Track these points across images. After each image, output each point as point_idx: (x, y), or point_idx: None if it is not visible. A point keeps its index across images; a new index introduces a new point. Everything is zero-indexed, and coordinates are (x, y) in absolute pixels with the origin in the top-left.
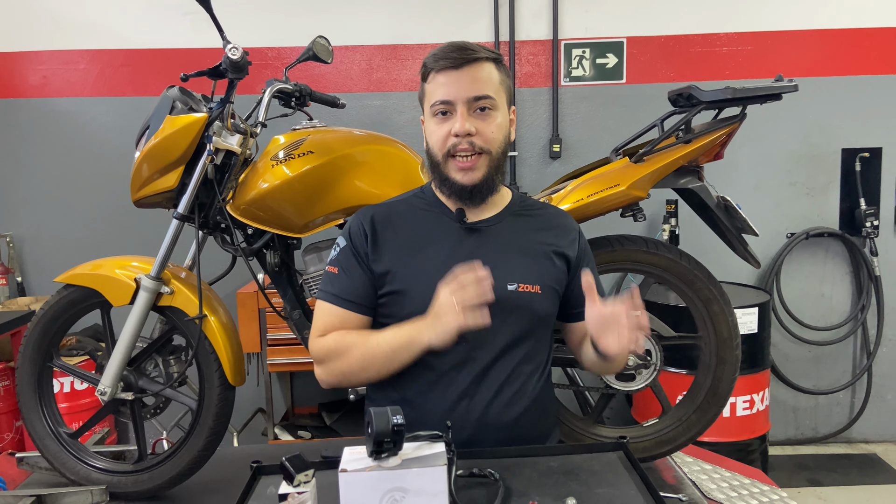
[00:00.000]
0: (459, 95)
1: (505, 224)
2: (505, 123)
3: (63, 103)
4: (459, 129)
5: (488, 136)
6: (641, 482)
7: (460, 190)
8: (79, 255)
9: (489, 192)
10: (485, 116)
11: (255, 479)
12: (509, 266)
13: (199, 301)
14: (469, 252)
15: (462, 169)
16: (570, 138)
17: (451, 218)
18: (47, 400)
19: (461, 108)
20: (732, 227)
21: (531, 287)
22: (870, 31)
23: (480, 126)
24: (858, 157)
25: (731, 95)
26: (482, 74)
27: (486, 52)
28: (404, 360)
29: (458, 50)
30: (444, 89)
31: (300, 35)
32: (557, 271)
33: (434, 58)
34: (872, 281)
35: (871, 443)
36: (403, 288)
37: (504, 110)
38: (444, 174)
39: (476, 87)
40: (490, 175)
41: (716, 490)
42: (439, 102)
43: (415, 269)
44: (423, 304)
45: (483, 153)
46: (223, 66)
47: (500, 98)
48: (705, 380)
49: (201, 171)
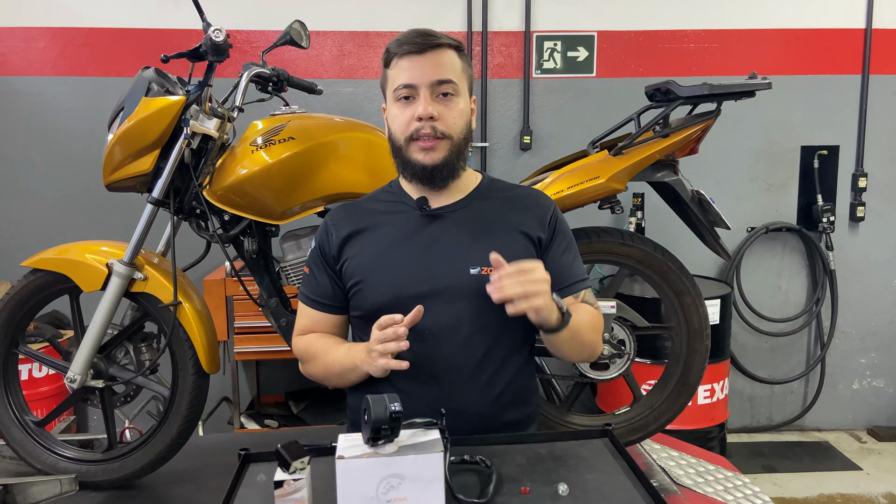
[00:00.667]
0: (423, 79)
1: (470, 208)
2: (466, 110)
3: (21, 82)
4: (423, 112)
5: (450, 121)
6: (629, 467)
7: (422, 170)
8: (38, 240)
9: (450, 175)
10: (447, 102)
11: (243, 466)
12: (472, 250)
13: (174, 287)
14: (429, 239)
15: (423, 149)
16: (541, 130)
17: (412, 207)
18: (12, 387)
19: (424, 93)
20: (705, 221)
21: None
22: (830, 31)
23: (442, 111)
24: (817, 155)
25: (708, 91)
26: (445, 60)
27: (449, 40)
28: (354, 380)
29: (421, 35)
30: (408, 73)
31: (270, 19)
32: (526, 252)
33: (397, 43)
34: (828, 275)
35: (823, 431)
36: (364, 279)
37: (466, 97)
38: (405, 157)
39: (439, 71)
40: (450, 159)
41: (683, 476)
42: (402, 86)
43: (374, 261)
44: (384, 295)
45: (444, 137)
46: (203, 48)
47: (462, 85)
48: (676, 369)
49: (177, 155)
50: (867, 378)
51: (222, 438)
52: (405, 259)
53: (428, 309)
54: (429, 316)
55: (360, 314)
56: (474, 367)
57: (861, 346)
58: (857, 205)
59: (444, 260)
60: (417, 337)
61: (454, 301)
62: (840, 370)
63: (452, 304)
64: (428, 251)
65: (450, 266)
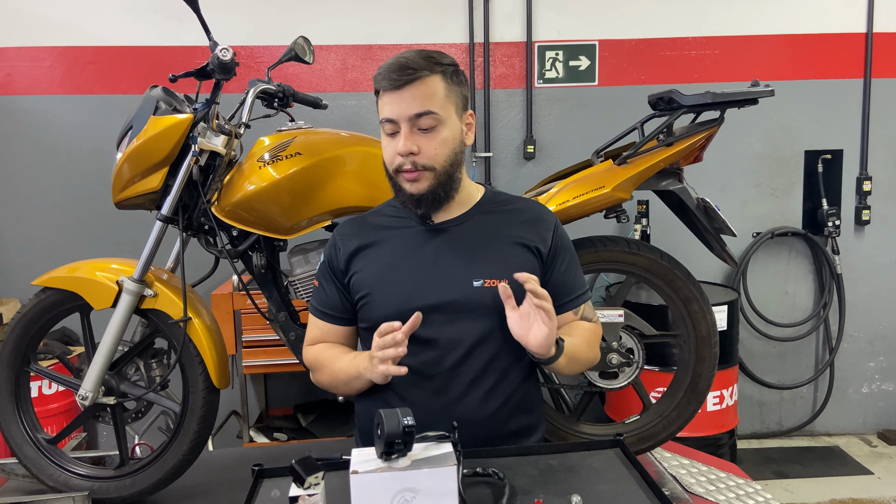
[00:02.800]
0: (401, 114)
1: (472, 222)
2: (452, 136)
3: (28, 101)
4: (402, 149)
5: (430, 153)
6: (641, 478)
7: (409, 198)
8: (47, 258)
9: (436, 202)
10: (428, 134)
11: (257, 482)
12: (474, 263)
13: (183, 304)
14: (433, 252)
15: (409, 180)
16: (544, 139)
17: (416, 222)
18: (25, 405)
19: (404, 128)
20: (711, 228)
21: (498, 282)
22: (831, 36)
23: (423, 144)
24: (821, 159)
25: (712, 100)
26: (425, 91)
27: (431, 66)
28: (360, 387)
29: (398, 70)
30: (389, 108)
31: (274, 34)
32: (528, 265)
33: (379, 77)
34: (834, 279)
35: (833, 435)
36: (371, 292)
37: (452, 122)
38: (397, 185)
39: (416, 105)
40: (435, 188)
41: (695, 484)
42: (385, 121)
43: (381, 275)
44: (390, 308)
45: (426, 170)
46: (211, 66)
47: (447, 110)
48: (685, 377)
49: (186, 173)
50: (876, 382)
51: (232, 453)
52: (410, 273)
53: (432, 321)
54: (433, 328)
55: (367, 326)
56: (477, 377)
57: (870, 350)
58: (863, 208)
59: (448, 273)
60: (423, 347)
61: (458, 313)
62: (849, 374)
63: (456, 316)
64: (432, 265)
65: (453, 279)
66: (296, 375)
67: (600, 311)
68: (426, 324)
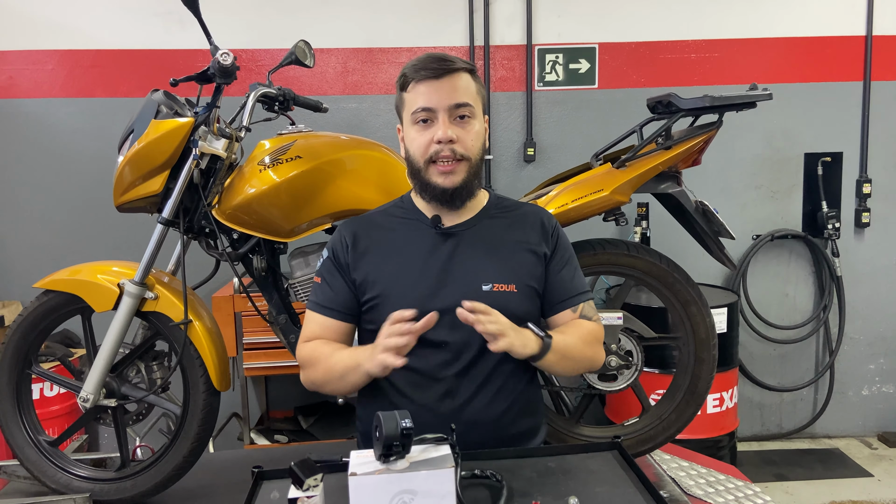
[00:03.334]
0: (441, 103)
1: (480, 227)
2: (482, 131)
3: (31, 104)
4: (442, 136)
5: (468, 143)
6: (638, 480)
7: (441, 193)
8: (48, 260)
9: (468, 195)
10: (464, 124)
11: (257, 484)
12: (484, 267)
13: (184, 306)
14: (444, 256)
15: (443, 172)
16: (544, 142)
17: (427, 224)
18: (26, 408)
19: (443, 116)
20: (710, 231)
21: (506, 287)
22: (831, 39)
23: (461, 134)
24: (820, 162)
25: (710, 103)
26: (461, 83)
27: (464, 63)
28: (355, 382)
29: (438, 60)
30: (426, 97)
31: (274, 38)
32: (533, 269)
33: (414, 68)
34: (834, 281)
35: (833, 438)
36: (381, 294)
37: (481, 119)
38: (425, 180)
39: (456, 95)
40: (469, 180)
41: (694, 486)
42: (421, 110)
43: (391, 276)
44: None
45: (463, 160)
46: (211, 70)
47: (477, 107)
48: (684, 379)
49: (187, 176)
50: (877, 384)
51: (233, 455)
52: (423, 276)
53: (443, 324)
54: (443, 331)
55: (375, 328)
56: (485, 380)
57: (870, 352)
58: (862, 211)
59: (459, 277)
60: (433, 350)
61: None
62: (849, 376)
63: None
64: (444, 269)
65: (464, 283)
66: (296, 378)
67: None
68: (436, 327)
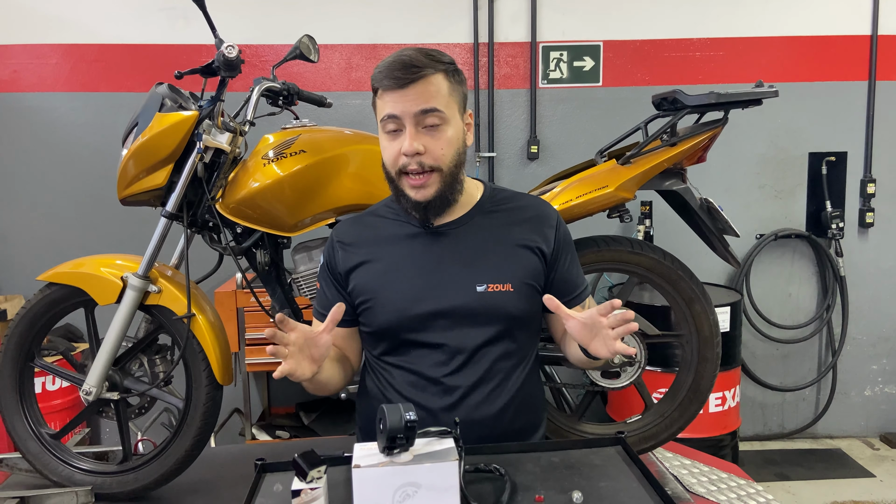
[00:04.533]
0: (406, 111)
1: (473, 224)
2: (456, 136)
3: (34, 98)
4: (408, 149)
5: (437, 153)
6: (642, 475)
7: (415, 205)
8: (50, 254)
9: (445, 205)
10: (433, 133)
11: (259, 476)
12: (477, 267)
13: (187, 300)
14: (435, 257)
15: (414, 186)
16: (548, 140)
17: (416, 224)
18: (29, 401)
19: (409, 127)
20: (714, 229)
21: (502, 286)
22: (836, 38)
23: (429, 143)
24: (825, 161)
25: (716, 100)
26: (429, 90)
27: (434, 64)
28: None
29: (402, 69)
30: (391, 105)
31: (278, 33)
32: (533, 266)
33: (379, 76)
34: (838, 281)
35: (835, 438)
36: (373, 297)
37: (455, 121)
38: (399, 189)
39: (422, 101)
40: (442, 191)
41: (696, 484)
42: (387, 117)
43: (382, 279)
44: (392, 313)
45: (433, 171)
46: (216, 63)
47: (451, 109)
48: (687, 377)
49: (190, 170)
50: (879, 384)
51: (235, 449)
52: (413, 278)
53: (437, 326)
54: (437, 333)
55: (370, 331)
56: (481, 378)
57: (872, 353)
58: (866, 210)
59: (452, 278)
60: (428, 351)
61: (462, 318)
62: (852, 377)
63: (460, 321)
64: (435, 270)
65: (457, 285)
66: None
67: None
68: (430, 329)
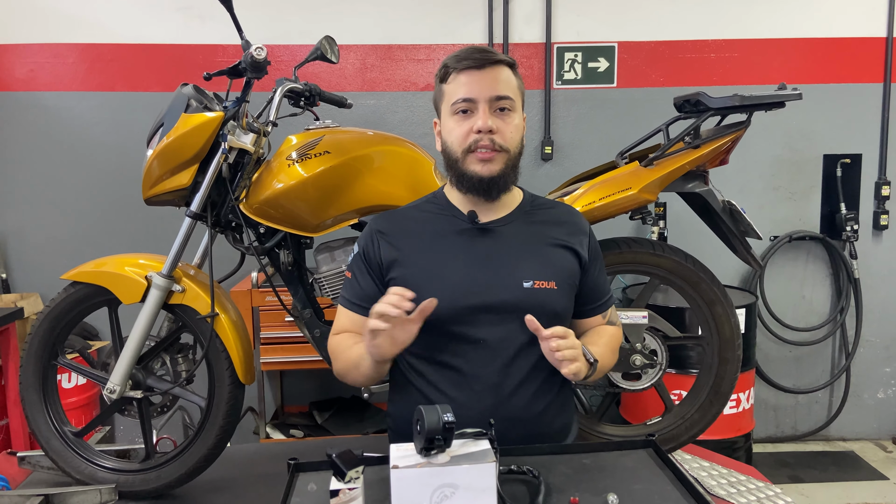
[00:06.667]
0: (482, 94)
1: (517, 223)
2: (521, 125)
3: (51, 97)
4: (483, 126)
5: (507, 135)
6: (675, 478)
7: (479, 182)
8: (64, 252)
9: (504, 187)
10: (504, 116)
11: (294, 476)
12: (523, 264)
13: (211, 299)
14: (482, 252)
15: (482, 160)
16: (562, 141)
17: (462, 220)
18: (52, 398)
19: (483, 106)
20: (737, 231)
21: (547, 283)
22: (851, 40)
23: (500, 125)
24: (839, 163)
25: (739, 102)
26: (503, 76)
27: (505, 57)
28: (366, 370)
29: (480, 52)
30: (467, 88)
31: (293, 34)
32: (572, 266)
33: (456, 59)
34: (852, 283)
35: (848, 440)
36: (418, 290)
37: (520, 113)
38: (462, 169)
39: (497, 86)
40: (506, 171)
41: (716, 486)
42: (461, 100)
43: (427, 271)
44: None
45: (502, 150)
46: (243, 64)
47: (517, 101)
48: (707, 379)
49: (215, 170)
50: (892, 387)
51: (253, 448)
52: (460, 272)
53: (482, 321)
54: (483, 328)
55: None
56: (524, 378)
57: (886, 355)
58: (881, 213)
59: (498, 274)
60: (472, 347)
61: (507, 314)
62: (865, 379)
63: (506, 317)
64: (482, 265)
65: (504, 280)
66: (312, 373)
67: (623, 312)
68: (476, 324)
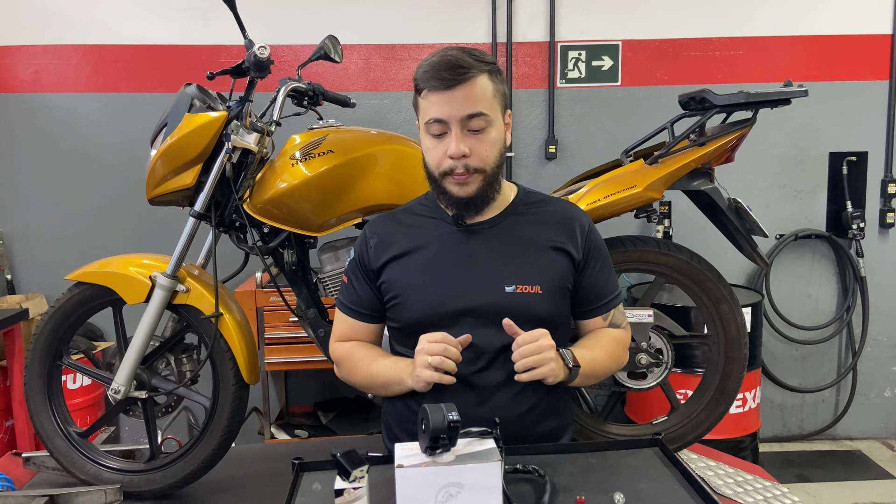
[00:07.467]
0: (453, 115)
1: (506, 224)
2: (499, 137)
3: (55, 99)
4: (454, 152)
5: (482, 154)
6: (682, 477)
7: (457, 202)
8: (69, 253)
9: (484, 203)
10: (479, 135)
11: (298, 475)
12: (507, 267)
13: (215, 299)
14: (467, 255)
15: (458, 183)
16: (566, 139)
17: (449, 222)
18: (57, 399)
19: (455, 129)
20: (743, 229)
21: (530, 288)
22: (856, 37)
23: (474, 146)
24: (845, 161)
25: (745, 100)
26: (475, 91)
27: (479, 65)
28: (397, 392)
29: (449, 70)
30: (437, 108)
31: (296, 34)
32: (563, 268)
33: (425, 76)
34: (858, 282)
35: (854, 439)
36: (402, 293)
37: (498, 122)
38: (441, 188)
39: (469, 105)
40: (483, 190)
41: (723, 486)
42: (433, 121)
43: (413, 275)
44: (422, 310)
45: (477, 172)
46: (246, 64)
47: (495, 111)
48: (713, 378)
49: (219, 170)
50: None
51: (257, 449)
52: (444, 276)
53: (464, 324)
54: (464, 331)
55: (398, 326)
56: (507, 379)
57: (893, 354)
58: (887, 211)
59: (481, 277)
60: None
61: (489, 317)
62: (871, 378)
63: (487, 321)
64: (465, 269)
65: (486, 284)
66: (316, 373)
67: (628, 311)
68: (458, 327)
